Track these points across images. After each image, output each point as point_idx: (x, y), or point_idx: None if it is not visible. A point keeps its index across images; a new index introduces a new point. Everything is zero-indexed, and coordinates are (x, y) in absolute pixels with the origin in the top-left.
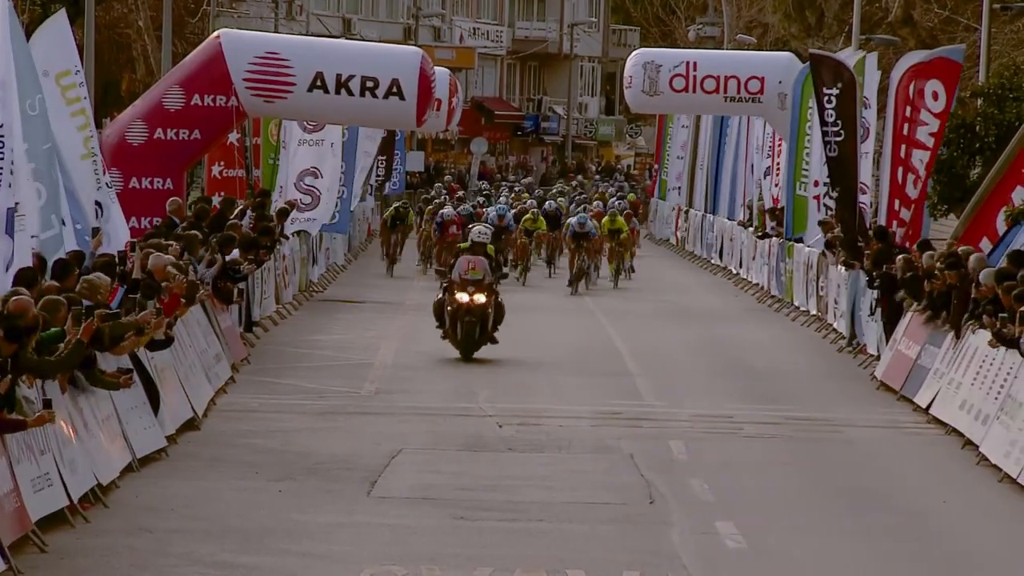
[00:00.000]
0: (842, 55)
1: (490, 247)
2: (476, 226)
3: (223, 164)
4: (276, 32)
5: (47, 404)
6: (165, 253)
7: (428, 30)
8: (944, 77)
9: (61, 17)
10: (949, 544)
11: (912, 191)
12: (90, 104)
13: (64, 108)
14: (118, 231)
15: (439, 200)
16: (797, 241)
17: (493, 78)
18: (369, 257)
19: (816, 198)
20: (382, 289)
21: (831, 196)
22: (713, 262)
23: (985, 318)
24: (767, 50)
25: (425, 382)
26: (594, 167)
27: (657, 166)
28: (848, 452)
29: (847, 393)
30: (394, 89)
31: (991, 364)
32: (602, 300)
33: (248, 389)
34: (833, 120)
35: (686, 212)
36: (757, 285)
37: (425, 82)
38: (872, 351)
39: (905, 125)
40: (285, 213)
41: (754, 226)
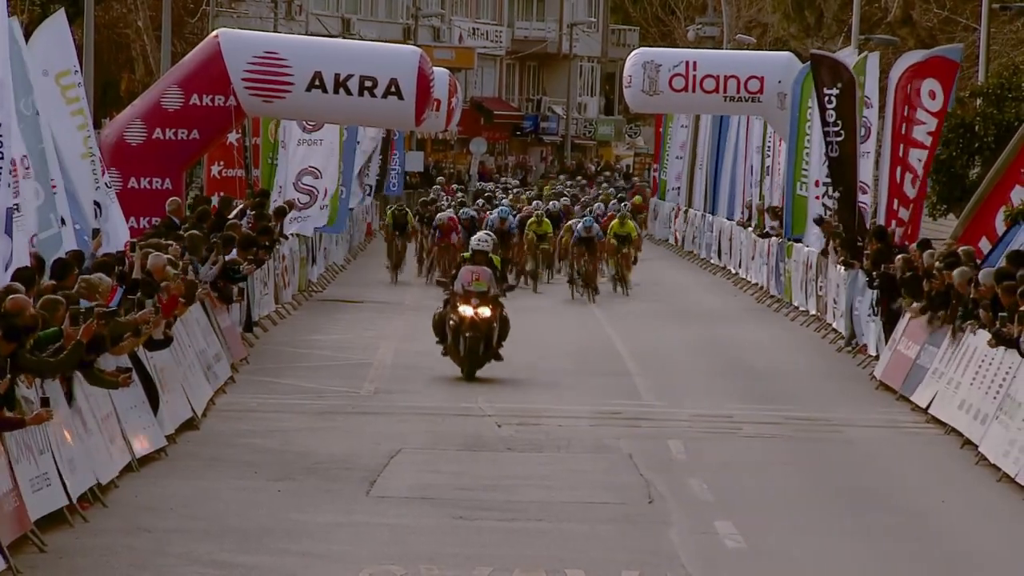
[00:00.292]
0: (842, 55)
1: (494, 256)
2: (477, 234)
3: (222, 164)
4: (275, 32)
5: (45, 402)
6: (164, 253)
7: (427, 30)
8: (940, 76)
9: (60, 17)
10: (948, 544)
11: (911, 190)
12: (88, 104)
13: (64, 107)
14: (117, 231)
15: (439, 203)
16: (796, 241)
17: (492, 78)
18: (368, 257)
19: (817, 198)
20: (381, 289)
21: (830, 196)
22: (712, 262)
23: (984, 316)
24: (766, 50)
25: (424, 382)
26: (594, 167)
27: (656, 166)
28: (847, 452)
29: (846, 393)
30: (393, 89)
31: (990, 364)
32: (601, 300)
33: (247, 389)
34: (834, 120)
35: (685, 212)
36: (756, 285)
37: (424, 82)
38: (871, 351)
39: (903, 124)
40: (283, 212)
41: (754, 224)
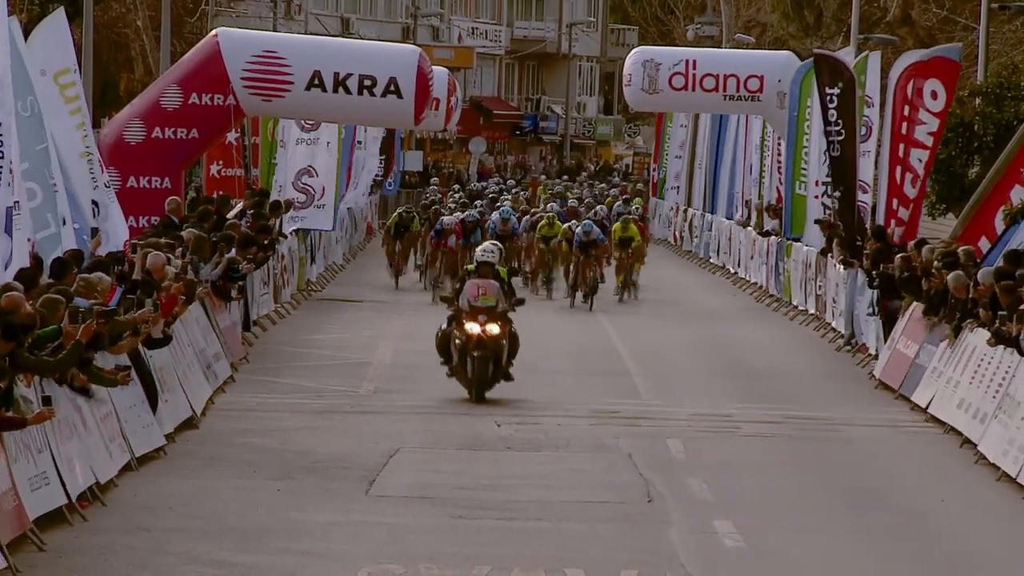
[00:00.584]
0: (841, 54)
1: (501, 268)
2: (482, 244)
3: (222, 163)
4: (275, 31)
5: (46, 401)
6: (164, 252)
7: (427, 29)
8: (943, 76)
9: (60, 16)
10: (948, 543)
11: (911, 190)
12: (87, 103)
13: (63, 107)
14: (117, 230)
15: (438, 206)
16: (795, 240)
17: (491, 78)
18: (368, 256)
19: (816, 197)
20: (380, 289)
21: (829, 195)
22: (711, 261)
23: (983, 315)
24: (766, 49)
25: (423, 381)
26: (592, 167)
27: (655, 165)
28: (847, 451)
29: (846, 392)
30: (392, 88)
31: (989, 363)
32: (600, 300)
33: (247, 388)
34: (835, 120)
35: (685, 211)
36: (755, 284)
37: (423, 81)
38: (871, 350)
39: (904, 124)
40: (278, 206)
41: (753, 223)
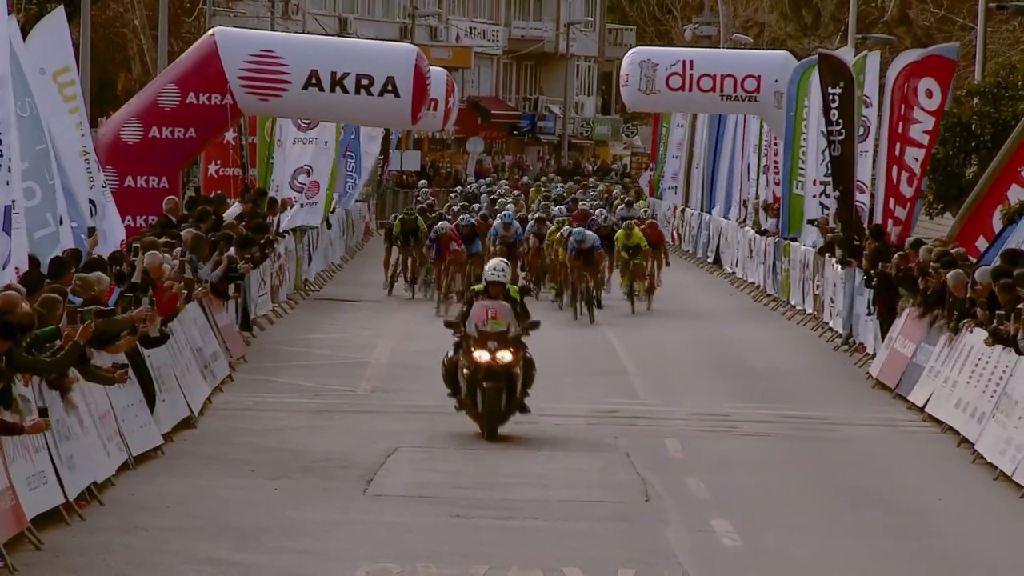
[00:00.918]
0: (841, 53)
1: (512, 287)
2: (491, 261)
3: (220, 163)
4: (272, 31)
5: (43, 412)
6: (161, 252)
7: (424, 29)
8: (938, 75)
9: (59, 14)
10: (946, 542)
11: (907, 189)
12: (84, 102)
13: (62, 105)
14: (114, 230)
15: (440, 210)
16: (792, 240)
17: (489, 77)
18: (366, 256)
19: (814, 196)
20: (378, 289)
21: (827, 195)
22: (709, 261)
23: (980, 315)
24: (763, 49)
25: (421, 381)
26: (591, 167)
27: (653, 165)
28: (844, 450)
29: (843, 391)
30: (389, 87)
31: (986, 362)
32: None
33: (244, 387)
34: (836, 119)
35: (682, 211)
36: (753, 284)
37: (420, 80)
38: (868, 350)
39: (900, 123)
40: (274, 202)
41: (750, 222)
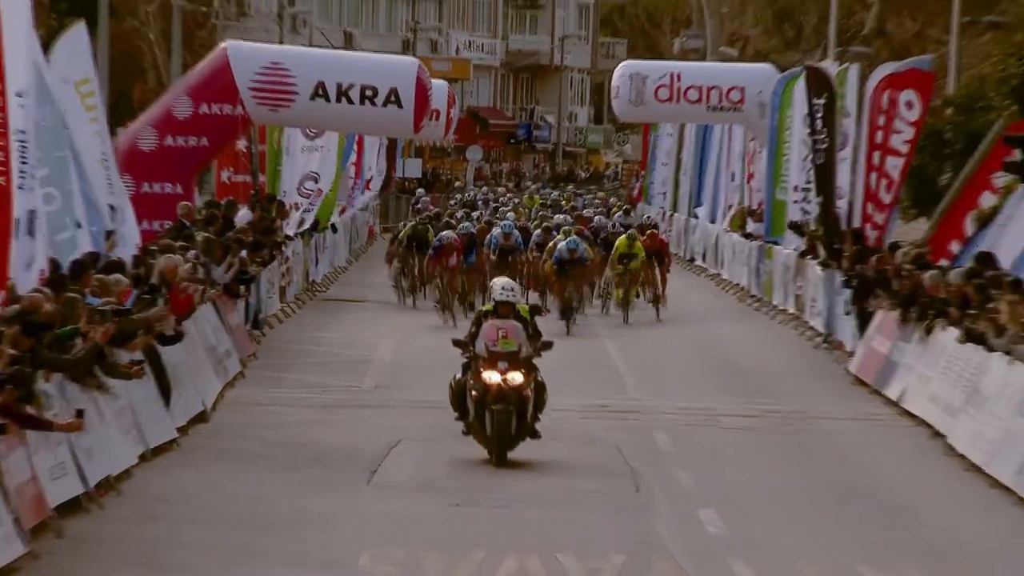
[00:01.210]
0: (825, 66)
1: (522, 307)
2: (497, 280)
3: (232, 170)
4: (281, 44)
5: (79, 414)
6: (175, 255)
7: (426, 43)
8: (918, 87)
9: (81, 28)
10: (921, 530)
11: (885, 196)
12: (103, 111)
13: (83, 114)
14: (132, 233)
15: (447, 218)
16: (775, 243)
17: (487, 88)
18: (370, 259)
19: (795, 202)
20: (382, 289)
21: (808, 200)
22: (696, 263)
23: (953, 314)
24: (748, 62)
25: (422, 377)
26: (583, 173)
27: (643, 172)
28: (824, 444)
29: (823, 387)
30: (392, 97)
31: (959, 359)
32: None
33: (255, 383)
34: (820, 128)
35: (671, 216)
36: (738, 286)
37: (422, 90)
38: (847, 347)
39: (879, 133)
40: (282, 206)
41: (727, 224)
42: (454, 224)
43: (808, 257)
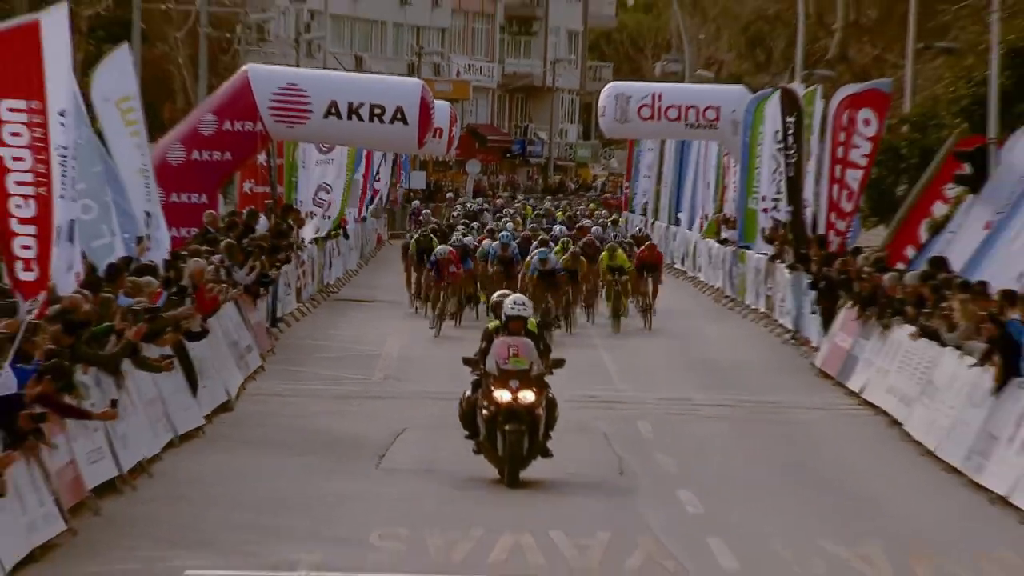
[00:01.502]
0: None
1: (532, 321)
2: (510, 296)
3: (253, 182)
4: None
5: (114, 403)
6: (201, 259)
7: (429, 66)
8: (875, 106)
9: (124, 50)
10: (878, 507)
11: (847, 205)
12: (144, 126)
13: (123, 128)
14: (165, 238)
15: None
16: (747, 248)
17: (485, 108)
18: (378, 263)
19: (764, 210)
20: (390, 290)
21: (778, 210)
22: (676, 267)
23: (909, 312)
24: (724, 83)
25: (426, 370)
26: (573, 185)
27: (627, 183)
28: (792, 430)
29: (791, 380)
30: (398, 116)
31: (914, 354)
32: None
33: (274, 376)
34: (791, 144)
35: (652, 224)
36: (713, 287)
37: (425, 109)
38: (813, 343)
39: (840, 148)
40: (298, 214)
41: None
42: (460, 230)
43: (777, 261)
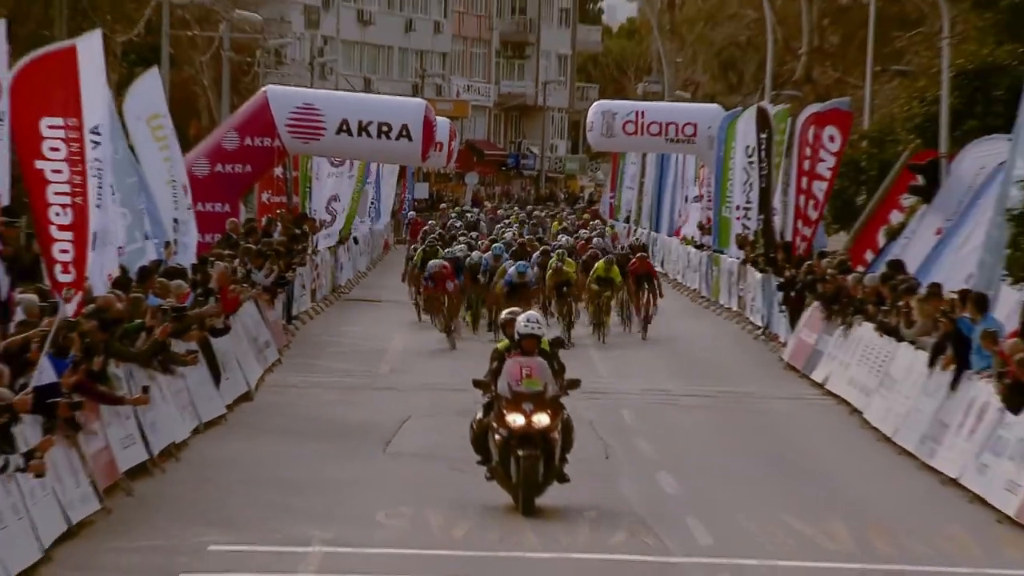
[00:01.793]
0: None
1: (545, 340)
2: (524, 313)
3: (270, 192)
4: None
5: (146, 390)
6: (223, 262)
7: (431, 87)
8: (839, 123)
9: (154, 72)
10: (841, 486)
11: (812, 213)
12: (174, 141)
13: (153, 144)
14: (193, 243)
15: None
16: (720, 253)
17: (483, 124)
18: (385, 267)
19: (737, 219)
20: (396, 291)
21: (749, 218)
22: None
23: (869, 311)
24: (699, 103)
25: (429, 363)
26: (563, 195)
27: (612, 194)
28: (761, 418)
29: (761, 372)
30: (404, 132)
31: (873, 348)
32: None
33: (290, 369)
34: (763, 158)
35: (635, 230)
36: (691, 288)
37: (428, 127)
38: (781, 339)
39: (806, 162)
40: (312, 221)
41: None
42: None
43: (748, 264)
